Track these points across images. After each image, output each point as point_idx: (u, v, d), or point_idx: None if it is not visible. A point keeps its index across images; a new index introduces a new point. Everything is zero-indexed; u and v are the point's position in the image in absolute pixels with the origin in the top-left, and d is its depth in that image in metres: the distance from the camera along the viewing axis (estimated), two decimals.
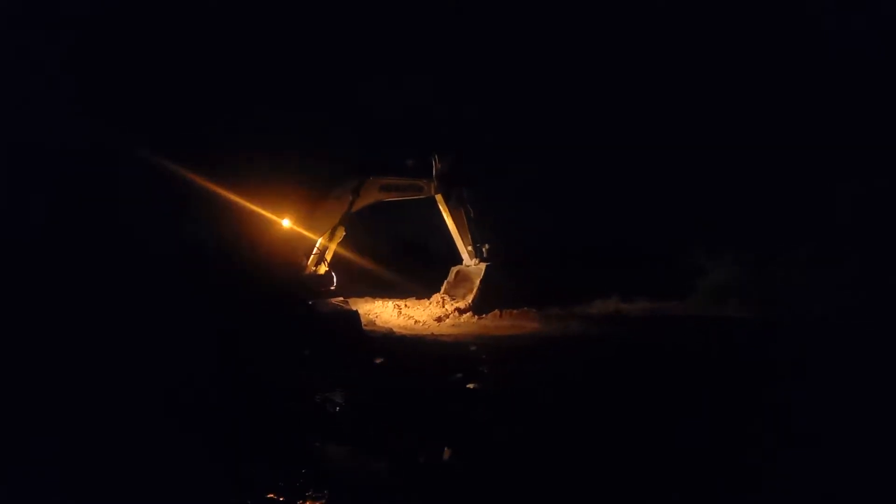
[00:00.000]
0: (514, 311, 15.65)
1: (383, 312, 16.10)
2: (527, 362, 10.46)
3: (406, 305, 16.49)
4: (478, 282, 16.44)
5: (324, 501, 4.92)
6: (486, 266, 16.62)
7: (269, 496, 4.95)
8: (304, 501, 4.90)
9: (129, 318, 8.67)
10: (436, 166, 16.17)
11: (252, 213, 12.89)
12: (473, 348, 11.55)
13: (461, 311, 15.69)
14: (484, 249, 16.94)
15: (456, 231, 17.00)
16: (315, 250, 14.05)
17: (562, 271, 19.35)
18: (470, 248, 16.99)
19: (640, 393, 8.13)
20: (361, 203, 14.74)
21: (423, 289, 17.71)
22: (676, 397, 7.89)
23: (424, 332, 13.95)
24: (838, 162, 22.69)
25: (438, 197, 16.52)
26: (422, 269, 18.90)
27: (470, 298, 16.23)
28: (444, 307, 16.13)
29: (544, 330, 14.02)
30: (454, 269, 17.43)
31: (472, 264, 17.06)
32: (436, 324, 15.13)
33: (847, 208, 20.11)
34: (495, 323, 15.02)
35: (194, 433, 6.11)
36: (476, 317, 15.52)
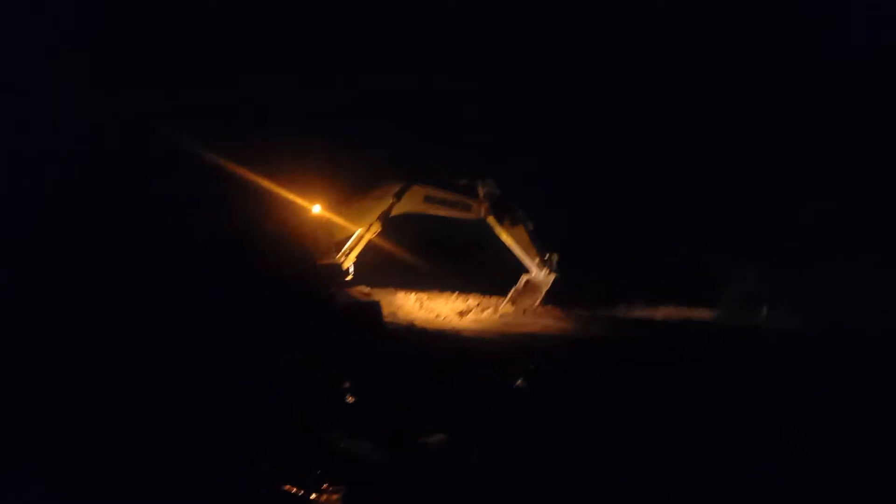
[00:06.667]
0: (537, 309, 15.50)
1: (405, 304, 16.04)
2: (551, 362, 10.32)
3: (428, 298, 16.42)
4: (544, 292, 16.05)
5: (340, 495, 4.86)
6: (555, 278, 16.05)
7: (285, 488, 4.90)
8: (321, 494, 4.85)
9: (145, 301, 8.62)
10: (481, 191, 15.28)
11: (279, 196, 12.63)
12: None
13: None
14: (553, 260, 16.18)
15: (518, 248, 16.02)
16: (350, 242, 13.77)
17: (585, 272, 19.07)
18: (537, 259, 16.10)
19: (660, 397, 7.97)
20: (402, 209, 14.06)
21: (446, 282, 17.55)
22: (698, 402, 7.73)
23: (446, 326, 13.87)
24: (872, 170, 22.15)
25: (491, 219, 15.51)
26: (445, 262, 18.75)
27: (533, 308, 15.95)
28: (466, 301, 15.99)
29: (564, 328, 13.90)
30: (524, 278, 16.52)
31: (541, 275, 16.27)
32: (458, 318, 15.06)
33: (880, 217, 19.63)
34: (518, 320, 14.88)
35: (211, 425, 6.05)
36: (498, 313, 15.38)
